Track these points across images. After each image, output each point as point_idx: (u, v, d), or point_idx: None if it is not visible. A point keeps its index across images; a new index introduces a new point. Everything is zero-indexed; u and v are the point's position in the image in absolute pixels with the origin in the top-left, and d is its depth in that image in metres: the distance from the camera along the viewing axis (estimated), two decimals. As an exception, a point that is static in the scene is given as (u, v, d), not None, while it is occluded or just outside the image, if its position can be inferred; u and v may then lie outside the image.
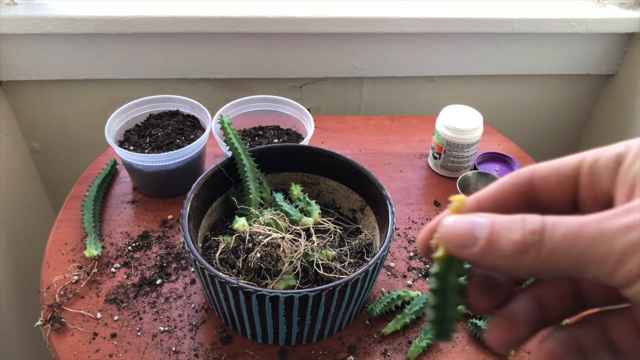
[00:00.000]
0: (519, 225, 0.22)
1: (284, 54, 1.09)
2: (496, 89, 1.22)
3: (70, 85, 1.10)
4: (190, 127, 0.89)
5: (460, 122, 0.88)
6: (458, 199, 0.26)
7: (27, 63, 1.05)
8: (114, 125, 0.86)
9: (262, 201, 0.73)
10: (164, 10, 1.00)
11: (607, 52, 1.16)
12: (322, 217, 0.72)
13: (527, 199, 0.27)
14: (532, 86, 1.23)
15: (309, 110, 0.93)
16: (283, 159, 0.78)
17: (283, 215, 0.68)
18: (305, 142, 0.85)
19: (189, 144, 0.84)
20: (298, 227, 0.67)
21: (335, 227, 0.71)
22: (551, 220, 0.22)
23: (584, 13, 1.09)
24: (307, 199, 0.73)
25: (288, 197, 0.76)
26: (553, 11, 1.09)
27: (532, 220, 0.22)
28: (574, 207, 0.27)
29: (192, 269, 0.75)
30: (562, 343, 0.26)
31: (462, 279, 0.25)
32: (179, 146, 0.84)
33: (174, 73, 1.10)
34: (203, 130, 0.89)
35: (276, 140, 0.90)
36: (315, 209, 0.71)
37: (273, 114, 0.94)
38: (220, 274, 0.58)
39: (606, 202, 0.25)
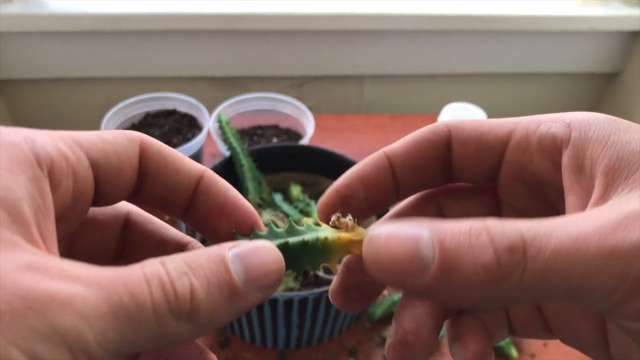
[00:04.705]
0: (485, 238, 0.16)
1: (283, 52, 1.08)
2: (499, 87, 1.21)
3: (66, 84, 1.09)
4: (187, 126, 0.88)
5: (463, 120, 0.87)
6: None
7: (22, 61, 1.03)
8: (111, 125, 0.84)
9: (261, 202, 0.71)
10: (160, 8, 0.98)
11: (612, 50, 1.15)
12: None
13: (442, 162, 0.24)
14: (536, 84, 1.21)
15: (309, 108, 0.91)
16: (282, 158, 0.76)
17: (282, 216, 0.67)
18: (304, 142, 0.83)
19: (186, 143, 0.82)
20: (297, 228, 0.66)
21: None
22: (531, 231, 0.16)
23: (588, 10, 1.07)
24: (307, 199, 0.71)
25: (287, 197, 0.75)
26: (556, 8, 1.07)
27: (504, 232, 0.16)
28: (490, 178, 0.24)
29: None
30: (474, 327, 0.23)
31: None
32: (176, 146, 0.83)
33: (171, 71, 1.08)
34: (200, 129, 0.87)
35: (275, 140, 0.88)
36: (315, 209, 0.70)
37: (272, 112, 0.93)
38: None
39: (534, 184, 0.23)
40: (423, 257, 0.16)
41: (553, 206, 0.23)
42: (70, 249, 0.23)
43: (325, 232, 0.22)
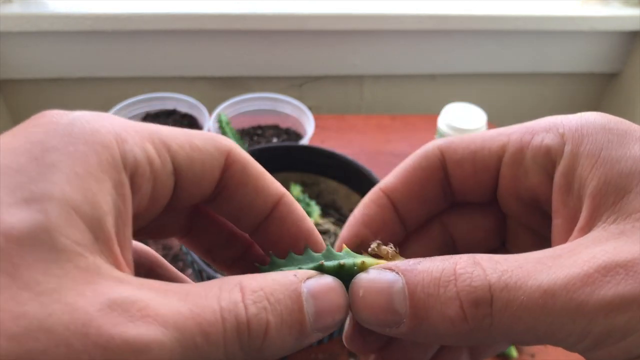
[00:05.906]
0: (453, 290, 0.17)
1: (283, 52, 1.08)
2: (499, 87, 1.21)
3: (67, 84, 1.09)
4: (187, 126, 0.88)
5: (463, 121, 0.87)
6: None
7: (22, 61, 1.03)
8: (110, 124, 0.84)
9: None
10: (161, 8, 0.98)
11: (612, 50, 1.15)
12: (322, 217, 0.71)
13: (442, 186, 0.23)
14: (536, 84, 1.21)
15: (309, 108, 0.91)
16: (282, 158, 0.76)
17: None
18: (304, 142, 0.83)
19: (186, 143, 0.82)
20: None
21: (335, 228, 0.70)
22: (500, 281, 0.17)
23: (588, 11, 1.07)
24: (307, 199, 0.71)
25: (287, 197, 0.75)
26: (556, 9, 1.07)
27: (471, 283, 0.17)
28: (492, 196, 0.23)
29: (190, 271, 0.73)
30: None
31: None
32: (176, 145, 0.83)
33: (171, 71, 1.08)
34: (201, 129, 0.87)
35: (275, 140, 0.88)
36: (315, 209, 0.70)
37: (272, 112, 0.93)
38: (219, 275, 0.56)
39: (530, 199, 0.22)
40: (397, 310, 0.18)
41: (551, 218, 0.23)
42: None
43: (363, 259, 0.21)
